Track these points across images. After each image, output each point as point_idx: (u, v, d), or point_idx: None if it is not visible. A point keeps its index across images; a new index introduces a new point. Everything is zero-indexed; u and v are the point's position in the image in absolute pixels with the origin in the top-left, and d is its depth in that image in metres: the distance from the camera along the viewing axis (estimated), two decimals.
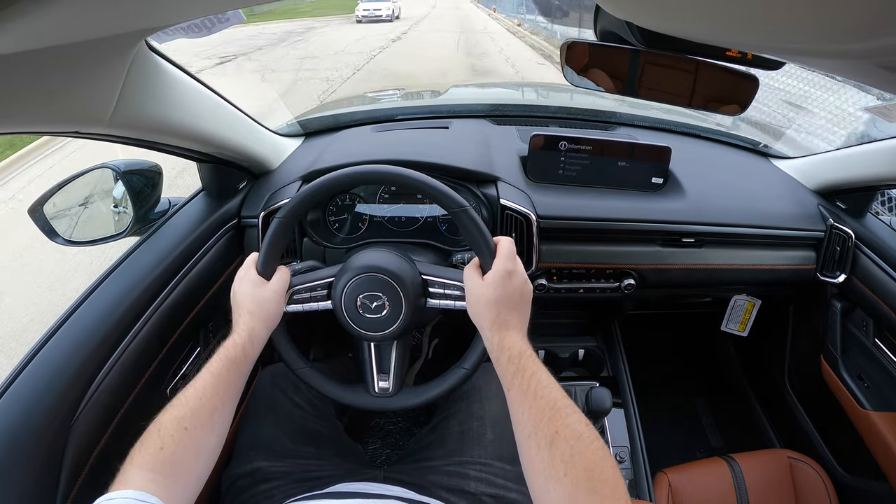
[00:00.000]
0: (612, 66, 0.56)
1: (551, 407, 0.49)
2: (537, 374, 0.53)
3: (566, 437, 0.46)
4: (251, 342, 0.61)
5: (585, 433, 0.47)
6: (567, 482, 0.44)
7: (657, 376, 1.45)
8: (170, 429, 0.50)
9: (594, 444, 0.46)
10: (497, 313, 0.60)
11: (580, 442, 0.46)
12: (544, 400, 0.50)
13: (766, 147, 1.24)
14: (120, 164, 0.80)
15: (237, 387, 0.59)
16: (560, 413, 0.48)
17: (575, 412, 0.49)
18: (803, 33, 0.25)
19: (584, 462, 0.44)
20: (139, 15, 0.42)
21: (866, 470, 1.00)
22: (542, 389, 0.51)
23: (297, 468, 0.72)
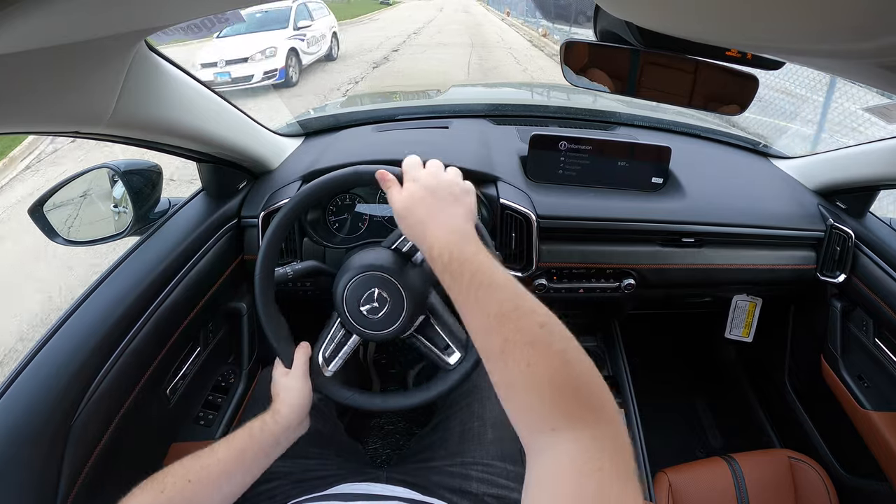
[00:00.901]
0: (611, 66, 0.56)
1: (496, 313, 0.43)
2: (477, 276, 0.46)
3: (518, 344, 0.40)
4: (273, 419, 0.64)
5: (540, 336, 0.40)
6: (528, 400, 0.39)
7: (657, 376, 1.45)
8: (175, 476, 0.53)
9: (555, 347, 0.40)
10: (412, 223, 0.55)
11: (535, 349, 0.39)
12: (488, 305, 0.43)
13: (765, 147, 1.24)
14: (120, 164, 0.80)
15: (251, 458, 0.60)
16: (507, 317, 0.42)
17: (527, 313, 0.42)
18: (803, 33, 0.25)
19: (543, 373, 0.38)
20: (139, 15, 0.42)
21: (866, 470, 1.00)
22: (484, 292, 0.44)
23: (298, 468, 0.72)
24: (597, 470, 0.33)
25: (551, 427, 0.37)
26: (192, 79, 0.71)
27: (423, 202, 0.55)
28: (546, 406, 0.38)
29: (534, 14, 13.64)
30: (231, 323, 1.00)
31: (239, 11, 0.52)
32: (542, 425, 0.37)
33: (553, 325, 0.42)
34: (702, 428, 1.46)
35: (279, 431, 0.64)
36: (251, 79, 6.03)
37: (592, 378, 0.39)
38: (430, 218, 0.54)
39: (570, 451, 0.35)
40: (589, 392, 0.38)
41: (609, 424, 0.37)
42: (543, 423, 0.37)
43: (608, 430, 0.36)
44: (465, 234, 0.53)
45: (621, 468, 0.34)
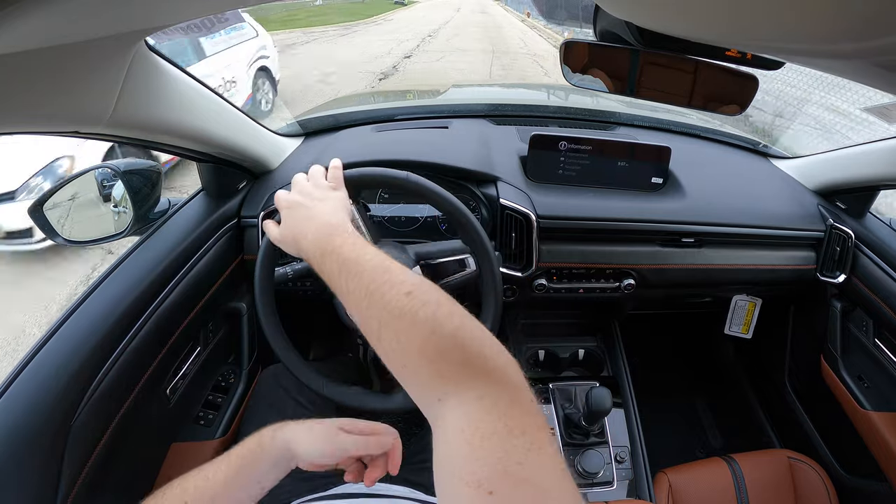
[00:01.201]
0: (611, 66, 0.56)
1: (365, 295, 0.41)
2: (345, 266, 0.46)
3: (387, 322, 0.39)
4: (272, 439, 0.56)
5: (407, 306, 0.38)
6: (409, 374, 0.37)
7: (657, 376, 1.45)
8: (171, 499, 0.49)
9: (421, 314, 0.37)
10: (290, 242, 0.56)
11: (402, 321, 0.38)
12: (358, 291, 0.43)
13: (765, 147, 1.24)
14: (120, 164, 0.80)
15: (250, 479, 0.54)
16: (374, 297, 0.41)
17: (391, 287, 0.41)
18: (802, 33, 0.25)
19: (415, 344, 0.36)
20: (139, 15, 0.42)
21: (866, 470, 1.00)
22: (353, 280, 0.44)
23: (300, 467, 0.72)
24: (490, 434, 0.30)
25: (437, 398, 0.34)
26: (191, 79, 0.71)
27: (289, 219, 0.57)
28: (425, 377, 0.36)
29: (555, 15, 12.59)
30: (231, 323, 1.00)
31: (238, 11, 0.52)
32: (429, 397, 0.35)
33: (420, 292, 0.39)
34: (702, 428, 1.46)
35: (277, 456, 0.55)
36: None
37: (471, 337, 0.36)
38: (298, 228, 0.55)
39: (458, 420, 0.32)
40: (466, 353, 0.35)
41: (497, 383, 0.34)
42: (429, 395, 0.35)
43: (497, 389, 0.33)
44: (332, 227, 0.52)
45: (518, 426, 0.31)
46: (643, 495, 1.00)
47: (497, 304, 0.71)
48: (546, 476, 0.29)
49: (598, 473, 1.01)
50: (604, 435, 1.07)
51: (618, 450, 1.06)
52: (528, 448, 0.30)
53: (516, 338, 1.27)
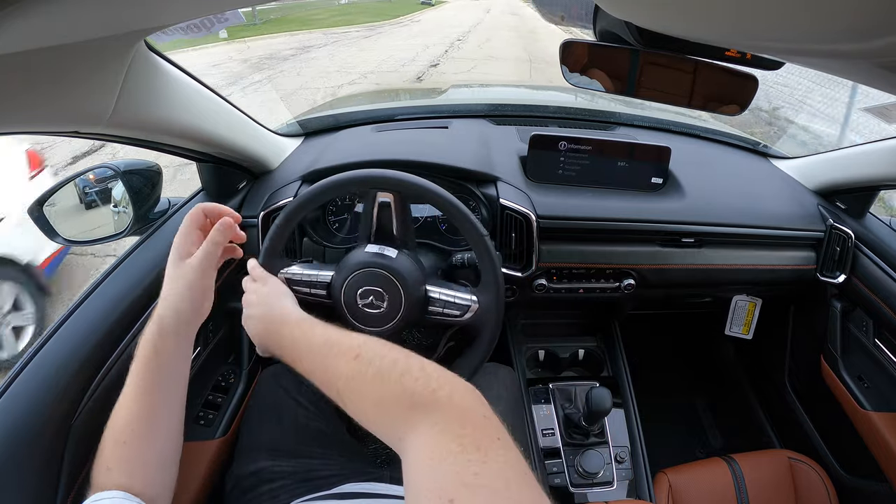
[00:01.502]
0: (611, 66, 0.56)
1: (321, 372, 0.47)
2: (299, 352, 0.51)
3: (346, 388, 0.44)
4: (160, 336, 0.56)
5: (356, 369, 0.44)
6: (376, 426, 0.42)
7: (657, 376, 1.45)
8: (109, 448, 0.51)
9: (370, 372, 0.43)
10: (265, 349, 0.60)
11: (355, 381, 0.43)
12: (317, 371, 0.48)
13: (765, 147, 1.24)
14: (120, 164, 0.80)
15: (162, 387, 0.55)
16: (329, 371, 0.46)
17: (340, 356, 0.46)
18: (803, 33, 0.25)
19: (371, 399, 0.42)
20: (139, 15, 0.42)
21: (866, 470, 1.00)
22: (311, 360, 0.49)
23: (301, 468, 0.72)
24: (445, 455, 0.34)
25: (398, 438, 0.39)
26: (191, 79, 0.71)
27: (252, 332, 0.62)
28: (385, 424, 0.40)
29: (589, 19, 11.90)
30: (231, 323, 1.00)
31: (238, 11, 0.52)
32: (393, 440, 0.40)
33: (365, 352, 0.45)
34: (702, 428, 1.46)
35: (172, 345, 0.56)
36: None
37: (414, 379, 0.40)
38: (260, 338, 0.60)
39: (417, 450, 0.36)
40: (413, 392, 0.39)
41: (445, 410, 0.37)
42: (392, 438, 0.40)
43: (446, 416, 0.37)
44: (278, 324, 0.57)
45: (472, 443, 0.34)
46: (643, 495, 1.00)
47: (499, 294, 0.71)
48: (503, 479, 0.32)
49: (598, 473, 1.01)
50: (604, 435, 1.07)
51: (618, 450, 1.06)
52: (483, 461, 0.33)
53: (516, 338, 1.27)
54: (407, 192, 0.69)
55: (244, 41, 10.78)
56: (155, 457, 0.52)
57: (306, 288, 0.71)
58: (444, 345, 1.45)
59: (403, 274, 0.68)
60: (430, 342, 1.52)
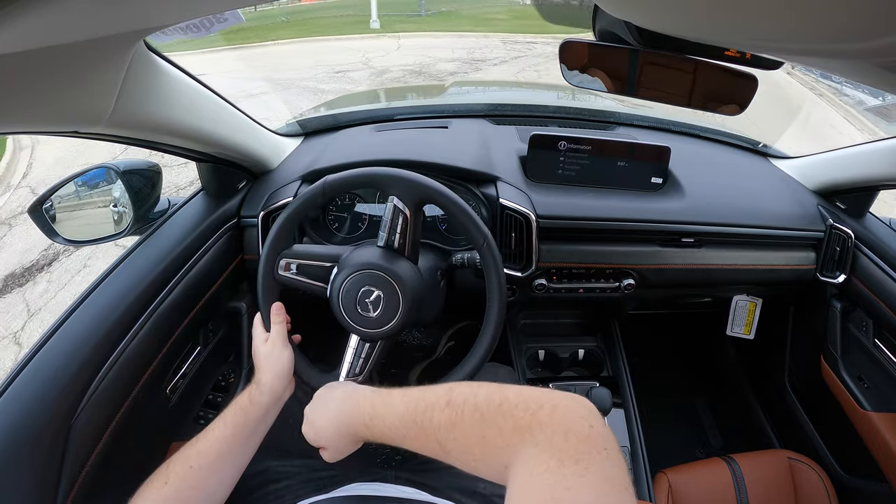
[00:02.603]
0: (611, 66, 0.56)
1: (420, 430, 0.46)
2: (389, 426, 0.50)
3: (444, 437, 0.43)
4: (259, 391, 0.65)
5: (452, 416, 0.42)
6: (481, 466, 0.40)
7: (657, 376, 1.45)
8: (176, 466, 0.55)
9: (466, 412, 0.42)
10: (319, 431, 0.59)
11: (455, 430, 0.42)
12: (411, 434, 0.47)
13: (765, 147, 1.24)
14: (120, 164, 0.80)
15: (247, 433, 0.62)
16: (425, 428, 0.45)
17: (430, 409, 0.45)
18: (802, 33, 0.25)
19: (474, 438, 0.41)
20: (138, 15, 0.42)
21: (866, 470, 1.00)
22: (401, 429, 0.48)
23: (307, 468, 0.72)
24: (542, 471, 0.33)
25: (504, 466, 0.38)
26: (191, 79, 0.71)
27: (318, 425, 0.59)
28: (491, 459, 0.39)
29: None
30: (231, 322, 1.00)
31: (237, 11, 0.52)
32: (500, 472, 0.38)
33: (455, 396, 0.44)
34: (702, 428, 1.46)
35: (267, 402, 0.65)
36: None
37: (513, 403, 0.40)
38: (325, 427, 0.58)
39: (519, 468, 0.35)
40: (514, 417, 0.39)
41: (546, 427, 0.37)
42: (499, 470, 0.38)
43: (548, 431, 0.36)
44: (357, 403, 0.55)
45: (572, 455, 0.33)
46: (643, 495, 1.00)
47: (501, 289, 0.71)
48: (594, 496, 0.31)
49: None
50: None
51: None
52: (581, 474, 0.32)
53: (516, 338, 1.27)
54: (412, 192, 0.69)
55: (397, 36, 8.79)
56: (203, 495, 0.56)
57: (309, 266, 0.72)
58: (444, 344, 1.45)
59: (406, 282, 0.68)
60: (430, 342, 1.52)
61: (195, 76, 0.72)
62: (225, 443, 0.59)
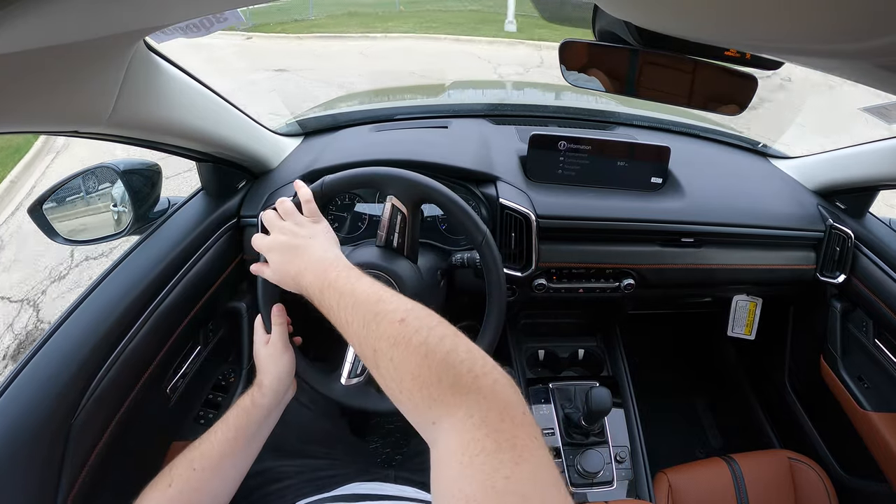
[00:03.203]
0: (610, 66, 0.56)
1: (361, 324, 0.43)
2: (343, 299, 0.48)
3: (384, 349, 0.40)
4: (260, 393, 0.64)
5: (400, 333, 0.40)
6: (406, 400, 0.38)
7: (657, 376, 1.45)
8: (179, 468, 0.55)
9: (414, 340, 0.39)
10: (287, 279, 0.59)
11: (397, 348, 0.39)
12: (355, 322, 0.45)
13: (765, 147, 1.24)
14: (120, 164, 0.80)
15: (249, 435, 0.61)
16: (370, 326, 0.42)
17: (385, 315, 0.42)
18: (802, 33, 0.25)
19: (409, 369, 0.38)
20: (138, 15, 0.42)
21: (866, 470, 1.00)
22: (350, 312, 0.46)
23: (307, 467, 0.72)
24: (478, 452, 0.31)
25: (431, 421, 0.36)
26: (191, 78, 0.71)
27: (282, 260, 0.59)
28: (419, 402, 0.37)
29: None
30: (231, 322, 1.00)
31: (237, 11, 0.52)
32: (425, 421, 0.37)
33: (412, 319, 0.41)
34: (702, 428, 1.46)
35: (269, 404, 0.64)
36: None
37: (461, 359, 0.37)
38: (295, 267, 0.57)
39: (450, 440, 0.33)
40: (457, 374, 0.36)
41: (486, 399, 0.34)
42: (425, 419, 0.37)
43: (486, 405, 0.34)
44: (327, 262, 0.55)
45: (507, 440, 0.32)
46: (643, 495, 1.00)
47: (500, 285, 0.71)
48: (533, 486, 0.30)
49: (597, 473, 1.01)
50: (604, 435, 1.07)
51: (618, 450, 1.06)
52: (517, 461, 0.31)
53: (516, 337, 1.27)
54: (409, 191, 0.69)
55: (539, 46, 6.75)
56: (207, 497, 0.56)
57: None
58: None
59: (405, 281, 0.68)
60: None
61: (195, 76, 0.72)
62: (228, 445, 0.58)
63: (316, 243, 0.60)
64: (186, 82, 0.69)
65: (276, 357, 0.67)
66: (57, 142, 4.72)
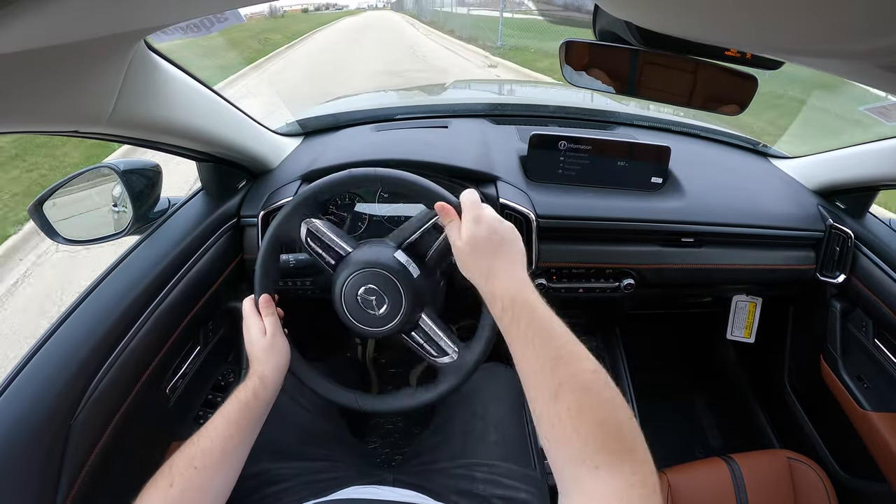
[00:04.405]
0: (611, 66, 0.56)
1: (553, 356, 0.46)
2: (534, 322, 0.49)
3: (572, 388, 0.43)
4: (262, 385, 0.63)
5: (593, 382, 0.43)
6: (576, 439, 0.41)
7: (657, 376, 1.45)
8: (180, 467, 0.53)
9: (604, 394, 0.43)
10: (478, 266, 0.57)
11: (588, 394, 0.43)
12: (544, 349, 0.47)
13: (765, 147, 1.24)
14: (120, 164, 0.80)
15: (249, 430, 0.61)
16: (563, 362, 0.45)
17: (580, 360, 0.46)
18: (803, 33, 0.25)
19: (594, 417, 0.42)
20: (138, 15, 0.42)
21: (866, 470, 1.00)
22: (541, 337, 0.48)
23: (305, 470, 0.72)
24: (638, 498, 0.38)
25: (594, 465, 0.40)
26: (191, 78, 0.71)
27: (489, 244, 0.57)
28: (591, 446, 0.41)
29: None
30: (231, 322, 1.00)
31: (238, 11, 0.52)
32: (587, 462, 0.40)
33: (601, 373, 0.45)
34: (701, 428, 1.46)
35: (270, 396, 0.64)
36: None
37: (633, 423, 0.43)
38: (496, 261, 0.57)
39: (613, 486, 0.39)
40: (630, 436, 0.42)
41: (643, 463, 0.40)
42: (588, 461, 0.40)
43: (643, 468, 0.40)
44: (525, 280, 0.56)
45: (655, 498, 0.39)
46: None
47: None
48: None
49: None
50: None
51: None
52: None
53: None
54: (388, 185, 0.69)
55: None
56: (209, 494, 0.55)
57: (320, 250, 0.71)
58: None
59: (405, 281, 0.68)
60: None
61: (196, 76, 0.72)
62: (230, 441, 0.57)
63: (519, 257, 0.59)
64: (187, 82, 0.69)
65: (276, 347, 0.67)
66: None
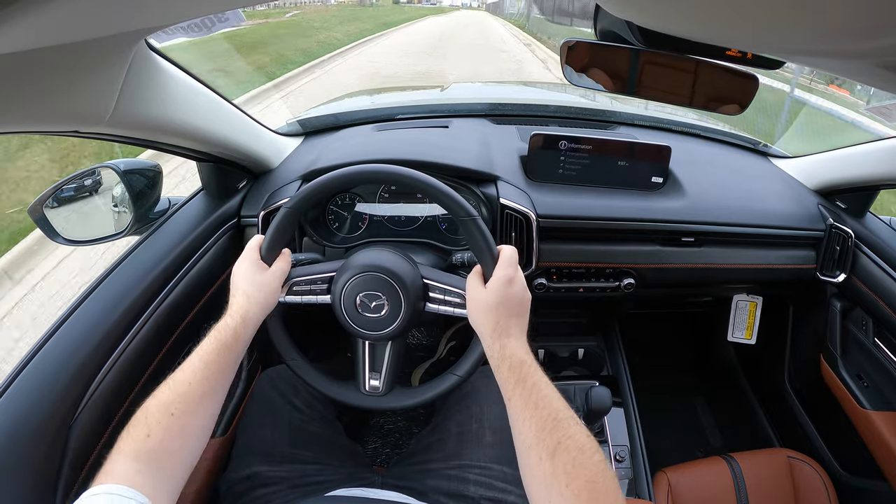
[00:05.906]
0: (612, 66, 0.56)
1: (553, 418, 0.50)
2: (539, 384, 0.53)
3: (568, 448, 0.47)
4: (244, 324, 0.60)
5: (588, 445, 0.48)
6: (569, 493, 0.44)
7: (657, 376, 1.45)
8: (157, 415, 0.50)
9: (596, 457, 0.47)
10: (497, 320, 0.60)
11: (582, 454, 0.47)
12: (546, 410, 0.50)
13: (765, 146, 1.24)
14: (120, 164, 0.80)
15: (228, 371, 0.58)
16: (562, 424, 0.49)
17: (577, 424, 0.50)
18: (804, 33, 0.25)
19: (587, 474, 0.45)
20: (139, 15, 0.42)
21: (866, 469, 1.00)
22: (544, 399, 0.51)
23: (295, 473, 0.72)
24: None
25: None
26: (192, 78, 0.71)
27: (512, 306, 0.62)
28: (575, 493, 0.44)
29: None
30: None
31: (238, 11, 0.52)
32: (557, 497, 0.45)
33: (593, 442, 0.49)
34: (701, 427, 1.46)
35: (249, 336, 0.61)
36: None
37: (617, 485, 0.47)
38: (512, 323, 0.61)
39: None
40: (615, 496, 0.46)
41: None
42: (559, 498, 0.45)
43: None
44: (526, 343, 0.60)
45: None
46: (643, 495, 1.01)
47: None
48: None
49: None
50: (603, 434, 1.07)
51: (617, 449, 1.06)
52: None
53: None
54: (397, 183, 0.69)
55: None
56: (190, 440, 0.52)
57: (308, 286, 0.71)
58: (445, 345, 1.45)
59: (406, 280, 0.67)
60: (429, 341, 1.53)
61: (196, 76, 0.72)
62: (207, 383, 0.54)
63: (527, 320, 0.65)
64: (187, 82, 0.69)
65: (272, 287, 0.65)
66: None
